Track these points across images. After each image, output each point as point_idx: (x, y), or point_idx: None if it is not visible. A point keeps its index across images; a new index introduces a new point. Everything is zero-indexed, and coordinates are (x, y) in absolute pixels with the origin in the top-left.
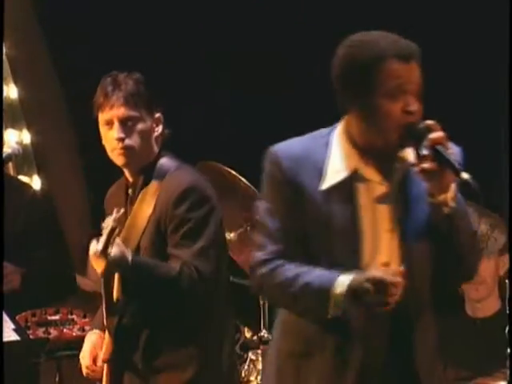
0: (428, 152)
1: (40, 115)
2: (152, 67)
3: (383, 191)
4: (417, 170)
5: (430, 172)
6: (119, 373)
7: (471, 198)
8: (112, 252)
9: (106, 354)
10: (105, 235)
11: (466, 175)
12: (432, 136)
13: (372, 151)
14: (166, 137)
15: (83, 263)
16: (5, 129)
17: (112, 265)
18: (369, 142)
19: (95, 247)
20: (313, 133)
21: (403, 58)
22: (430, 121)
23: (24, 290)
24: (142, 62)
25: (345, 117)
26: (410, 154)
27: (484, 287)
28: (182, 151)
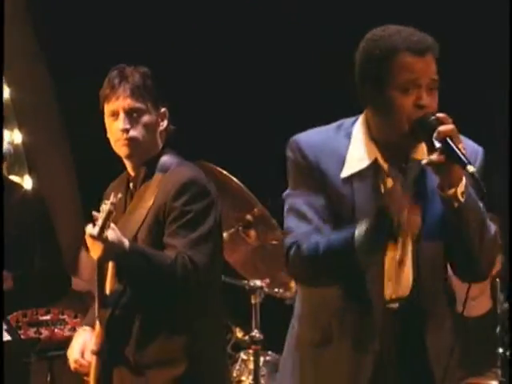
0: (438, 145)
1: (31, 116)
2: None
3: (398, 186)
4: (425, 162)
5: (439, 165)
6: (108, 366)
7: (475, 193)
8: (109, 236)
9: (97, 346)
10: (101, 219)
11: (472, 168)
12: (441, 128)
13: (388, 145)
14: (170, 132)
15: (75, 263)
16: None
17: (108, 249)
18: (384, 136)
19: (91, 230)
20: (335, 123)
21: (417, 52)
22: (441, 114)
23: (16, 291)
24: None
25: (365, 110)
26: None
27: (475, 286)
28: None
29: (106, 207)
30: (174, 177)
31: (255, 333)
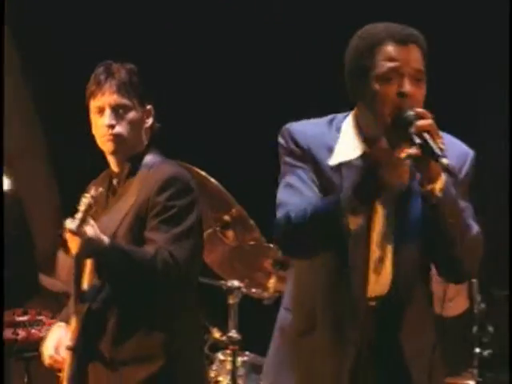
0: (416, 139)
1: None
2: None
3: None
4: (403, 156)
5: (417, 159)
6: (83, 362)
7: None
8: (87, 232)
9: (72, 341)
10: (80, 212)
11: (446, 161)
12: (419, 123)
13: (375, 141)
14: (156, 130)
15: (52, 264)
16: None
17: (86, 244)
18: (371, 131)
19: (70, 225)
20: (328, 117)
21: (399, 41)
22: (421, 109)
23: None
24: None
25: (355, 107)
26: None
27: (451, 287)
28: None
29: (86, 200)
30: (158, 173)
31: (233, 333)
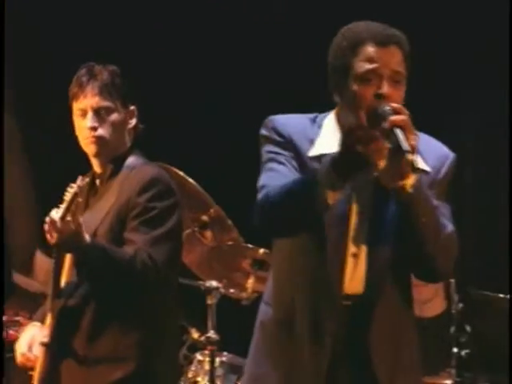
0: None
1: None
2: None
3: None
4: (373, 150)
5: (389, 154)
6: (57, 359)
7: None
8: (71, 225)
9: (47, 338)
10: (65, 203)
11: (411, 157)
12: (392, 118)
13: None
14: (139, 131)
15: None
16: None
17: (68, 235)
18: None
19: (54, 216)
20: (311, 114)
21: (380, 42)
22: (397, 105)
23: None
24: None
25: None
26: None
27: (427, 289)
28: None
29: (72, 190)
30: (140, 174)
31: (211, 333)
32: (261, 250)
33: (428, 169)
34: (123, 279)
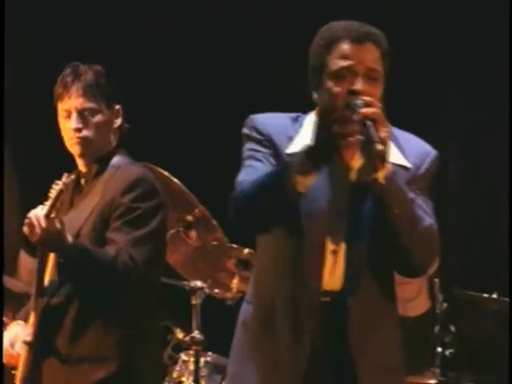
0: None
1: None
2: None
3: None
4: (345, 143)
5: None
6: (39, 358)
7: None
8: (56, 225)
9: (30, 336)
10: (51, 200)
11: (380, 147)
12: (363, 110)
13: None
14: (125, 130)
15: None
16: None
17: (51, 233)
18: None
19: (38, 213)
20: (293, 114)
21: (355, 39)
22: (370, 98)
23: None
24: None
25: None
26: None
27: (410, 288)
28: None
29: (57, 187)
30: (124, 174)
31: (196, 333)
32: (245, 250)
33: (408, 165)
34: (105, 279)
